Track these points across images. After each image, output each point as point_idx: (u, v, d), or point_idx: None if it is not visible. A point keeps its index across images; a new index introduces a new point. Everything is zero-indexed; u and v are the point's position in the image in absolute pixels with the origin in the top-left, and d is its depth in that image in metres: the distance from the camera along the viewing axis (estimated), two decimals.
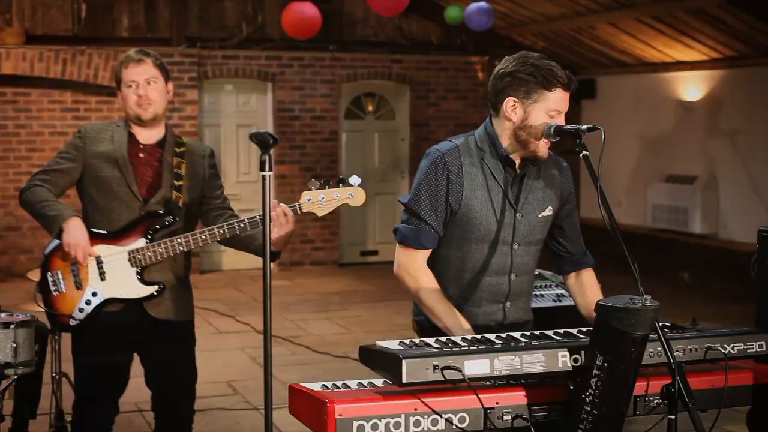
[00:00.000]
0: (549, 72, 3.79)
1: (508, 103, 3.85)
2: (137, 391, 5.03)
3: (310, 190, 4.53)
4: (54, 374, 5.85)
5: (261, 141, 3.63)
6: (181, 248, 4.60)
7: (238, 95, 14.27)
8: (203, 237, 4.59)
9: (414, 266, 4.04)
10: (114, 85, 4.90)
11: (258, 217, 4.48)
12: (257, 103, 14.33)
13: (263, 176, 3.59)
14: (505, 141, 3.93)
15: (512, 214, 3.97)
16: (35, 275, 5.59)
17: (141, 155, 4.77)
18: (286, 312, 10.84)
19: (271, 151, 3.61)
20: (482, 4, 11.97)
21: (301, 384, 3.40)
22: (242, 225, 4.54)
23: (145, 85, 4.69)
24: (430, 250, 4.03)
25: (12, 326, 5.26)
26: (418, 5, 13.50)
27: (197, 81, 13.52)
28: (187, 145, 4.87)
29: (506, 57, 3.94)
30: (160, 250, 4.60)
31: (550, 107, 3.82)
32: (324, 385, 3.38)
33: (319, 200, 4.52)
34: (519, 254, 4.03)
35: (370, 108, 14.96)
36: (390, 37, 14.75)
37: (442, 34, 14.90)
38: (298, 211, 4.50)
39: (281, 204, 4.39)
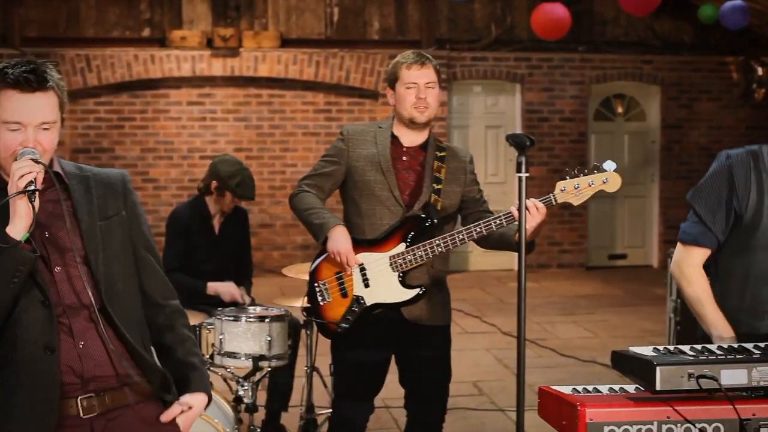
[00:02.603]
0: None
1: None
2: (385, 387, 5.09)
3: (565, 179, 4.45)
4: (306, 368, 5.99)
5: (517, 143, 3.62)
6: (439, 249, 4.58)
7: (486, 97, 14.30)
8: (460, 237, 4.57)
9: (688, 264, 3.90)
10: (368, 86, 4.97)
11: (512, 211, 4.43)
12: (506, 104, 14.33)
13: (519, 178, 3.57)
14: None
15: None
16: (291, 271, 5.76)
17: (404, 159, 4.80)
18: (532, 314, 10.78)
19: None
20: (737, 2, 11.56)
21: (552, 387, 3.37)
22: (498, 222, 4.50)
23: (425, 88, 4.72)
24: (709, 251, 3.88)
25: (266, 320, 5.46)
26: (670, 4, 13.20)
27: (446, 83, 13.62)
28: (447, 149, 4.87)
29: None
30: (420, 253, 4.61)
31: None
32: (575, 388, 3.34)
33: (573, 189, 4.44)
34: None
35: (620, 109, 14.71)
36: (641, 37, 14.45)
37: (694, 33, 14.49)
38: (553, 202, 4.42)
39: (531, 199, 4.32)
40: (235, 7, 13.40)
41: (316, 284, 4.81)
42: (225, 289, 6.30)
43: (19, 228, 2.97)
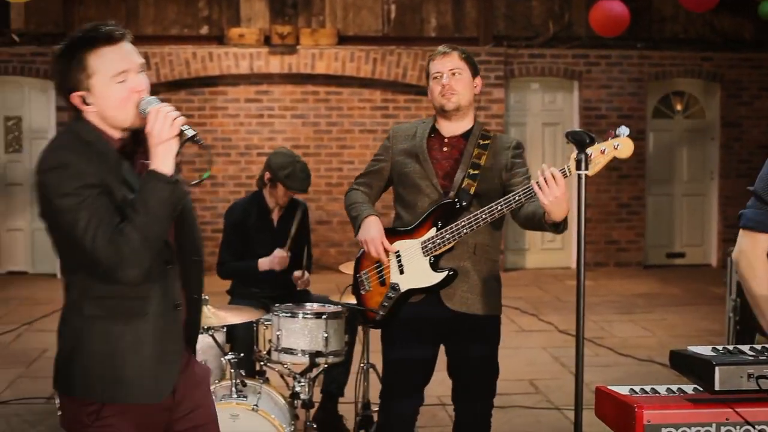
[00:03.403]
0: None
1: None
2: (440, 384, 5.10)
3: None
4: (362, 365, 6.01)
5: (577, 140, 3.61)
6: (464, 230, 4.60)
7: (543, 94, 14.25)
8: (483, 216, 4.55)
9: (753, 251, 3.80)
10: (425, 84, 5.00)
11: (531, 186, 4.36)
12: (563, 101, 14.26)
13: (579, 175, 3.56)
14: None
15: None
16: (347, 268, 5.80)
17: (444, 149, 4.85)
18: (589, 313, 10.72)
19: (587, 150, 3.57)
20: None
21: (608, 387, 3.35)
22: (518, 198, 4.45)
23: (450, 76, 4.77)
24: None
25: (324, 317, 5.48)
26: (730, 1, 13.05)
27: (503, 80, 13.60)
28: (493, 138, 4.89)
29: None
30: (447, 235, 4.64)
31: None
32: (632, 389, 3.32)
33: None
34: None
35: (679, 107, 14.58)
36: (700, 34, 14.31)
37: (755, 30, 14.32)
38: (567, 173, 4.30)
39: (552, 168, 4.25)
40: (293, 4, 13.46)
41: (358, 275, 4.92)
42: (274, 258, 6.39)
43: (169, 164, 3.17)
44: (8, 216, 13.61)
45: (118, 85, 3.20)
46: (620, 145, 4.34)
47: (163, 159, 3.14)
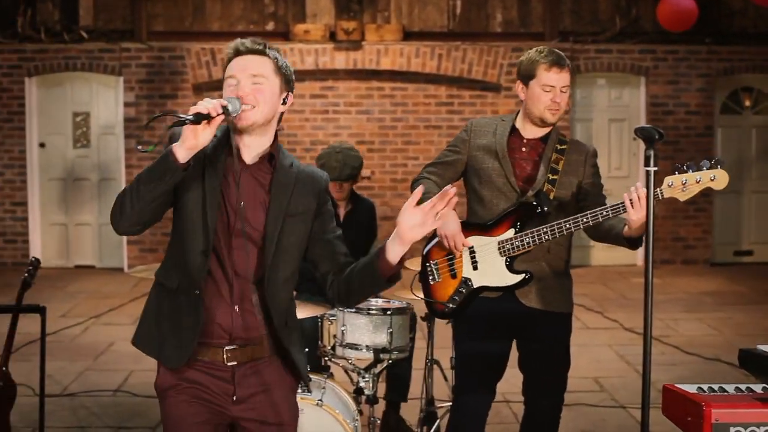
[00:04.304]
0: None
1: None
2: (505, 381, 5.09)
3: (673, 174, 4.37)
4: (426, 360, 6.01)
5: (646, 136, 3.59)
6: (546, 237, 4.63)
7: (610, 90, 14.13)
8: (567, 226, 4.59)
9: None
10: (490, 80, 4.98)
11: (621, 204, 4.41)
12: (630, 97, 14.14)
13: (647, 172, 3.54)
14: None
15: None
16: (413, 264, 5.80)
17: (523, 149, 4.87)
18: (656, 310, 10.53)
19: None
20: None
21: (676, 385, 3.33)
22: (606, 213, 4.50)
23: (561, 93, 4.77)
24: None
25: (389, 312, 5.49)
26: None
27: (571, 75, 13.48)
28: (569, 143, 4.91)
29: None
30: (527, 240, 4.66)
31: None
32: (700, 387, 3.30)
33: (680, 185, 4.35)
34: None
35: (748, 103, 14.39)
36: None
37: None
38: (660, 197, 4.37)
39: (640, 188, 4.30)
40: (358, 0, 13.48)
41: (427, 264, 4.94)
42: None
43: (181, 145, 3.29)
44: (76, 210, 13.79)
45: (229, 87, 3.52)
46: (716, 177, 4.35)
47: (180, 139, 3.32)
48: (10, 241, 13.66)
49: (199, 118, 3.24)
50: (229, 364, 3.57)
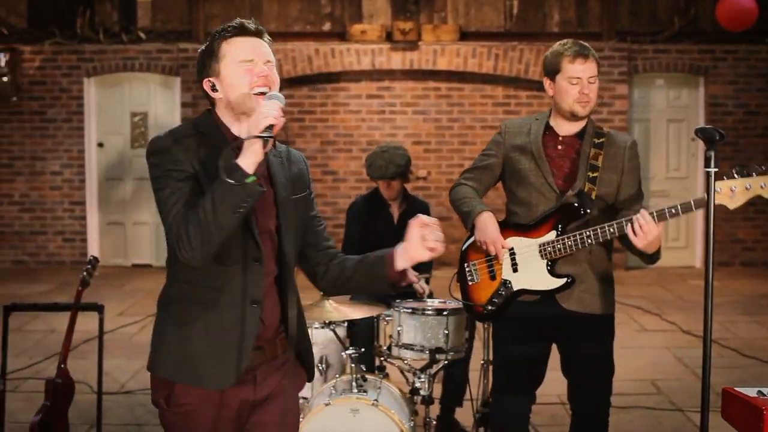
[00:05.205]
0: None
1: None
2: (560, 383, 5.05)
3: (722, 179, 4.24)
4: (482, 362, 5.99)
5: (707, 137, 3.55)
6: (589, 241, 4.55)
7: (668, 90, 14.00)
8: (611, 230, 4.49)
9: None
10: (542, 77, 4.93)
11: (666, 209, 4.35)
12: (688, 98, 14.00)
13: (708, 173, 3.50)
14: None
15: None
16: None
17: (559, 147, 4.78)
18: (714, 313, 10.44)
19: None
20: None
21: (736, 389, 3.29)
22: (653, 217, 4.39)
23: (588, 83, 4.67)
24: None
25: (445, 313, 5.48)
26: None
27: (627, 75, 13.41)
28: (607, 135, 4.80)
29: None
30: (569, 242, 4.59)
31: None
32: (760, 391, 3.26)
33: (729, 192, 4.22)
34: None
35: None
36: None
37: None
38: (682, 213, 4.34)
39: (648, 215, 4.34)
40: (415, 1, 13.48)
41: (466, 264, 4.92)
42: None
43: (249, 161, 3.14)
44: (134, 210, 13.93)
45: (242, 69, 3.33)
46: (767, 185, 4.19)
47: (244, 154, 3.15)
48: (69, 240, 13.82)
49: (271, 129, 3.15)
50: (252, 365, 3.41)
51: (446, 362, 5.59)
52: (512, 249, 4.75)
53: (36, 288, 12.01)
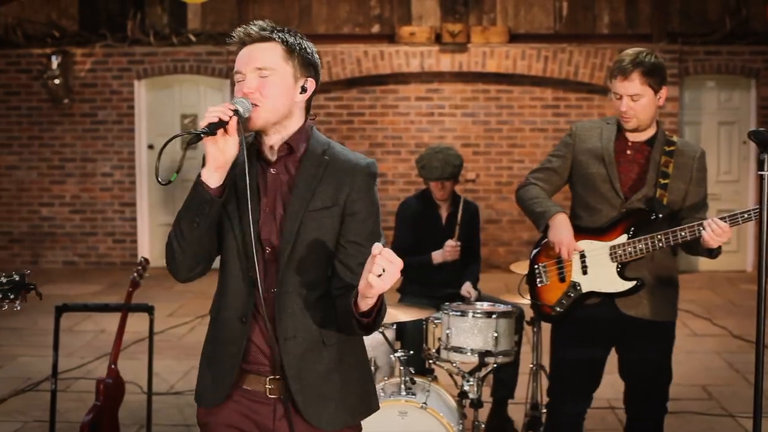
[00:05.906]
0: None
1: None
2: (610, 387, 5.03)
3: None
4: (532, 365, 5.98)
5: (760, 140, 3.52)
6: (660, 245, 4.56)
7: (719, 92, 13.86)
8: (683, 234, 4.51)
9: None
10: (596, 82, 4.92)
11: (739, 214, 4.33)
12: (740, 100, 13.86)
13: (761, 176, 3.47)
14: None
15: None
16: (518, 267, 5.78)
17: (628, 152, 4.77)
18: (765, 318, 10.39)
19: None
20: None
21: None
22: (724, 220, 4.40)
23: (629, 101, 4.64)
24: None
25: (494, 316, 5.47)
26: None
27: (678, 77, 13.30)
28: (677, 144, 4.78)
29: None
30: (640, 246, 4.61)
31: None
32: None
33: None
34: None
35: None
36: None
37: None
38: (753, 218, 4.33)
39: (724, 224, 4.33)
40: (464, 2, 13.46)
41: (536, 266, 4.91)
42: (446, 249, 6.52)
43: (208, 166, 3.08)
44: None
45: (237, 85, 3.25)
46: None
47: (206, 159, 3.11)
48: (119, 241, 13.93)
49: (213, 128, 2.99)
50: (271, 396, 3.20)
51: (495, 365, 5.58)
52: (582, 251, 4.76)
53: (86, 289, 12.13)
